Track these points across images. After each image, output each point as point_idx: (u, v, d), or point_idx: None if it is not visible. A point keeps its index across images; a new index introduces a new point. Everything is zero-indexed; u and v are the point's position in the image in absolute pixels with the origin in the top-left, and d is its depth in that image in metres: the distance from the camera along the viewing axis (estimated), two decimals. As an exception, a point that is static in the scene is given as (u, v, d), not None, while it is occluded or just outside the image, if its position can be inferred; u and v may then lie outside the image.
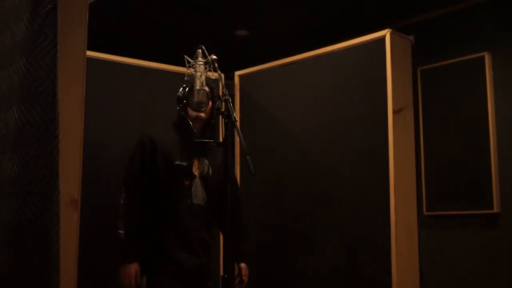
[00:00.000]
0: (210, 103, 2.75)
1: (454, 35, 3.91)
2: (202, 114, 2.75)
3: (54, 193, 1.73)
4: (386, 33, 2.97)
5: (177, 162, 2.71)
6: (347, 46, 3.19)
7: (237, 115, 3.49)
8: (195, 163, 2.76)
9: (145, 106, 3.28)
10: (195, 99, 2.58)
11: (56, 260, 1.71)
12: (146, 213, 2.70)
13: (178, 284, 2.66)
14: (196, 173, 2.76)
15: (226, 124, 2.41)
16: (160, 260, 2.67)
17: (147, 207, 2.71)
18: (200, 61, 2.58)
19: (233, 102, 3.11)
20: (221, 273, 3.16)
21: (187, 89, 2.75)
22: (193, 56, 2.62)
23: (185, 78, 2.75)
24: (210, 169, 2.81)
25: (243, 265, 2.86)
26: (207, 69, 2.58)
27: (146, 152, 2.70)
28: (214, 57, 2.56)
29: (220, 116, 2.44)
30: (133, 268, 2.65)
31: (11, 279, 1.72)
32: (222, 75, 2.59)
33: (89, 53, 2.20)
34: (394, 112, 2.91)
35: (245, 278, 2.86)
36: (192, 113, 2.73)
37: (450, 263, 3.75)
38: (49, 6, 1.80)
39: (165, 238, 2.68)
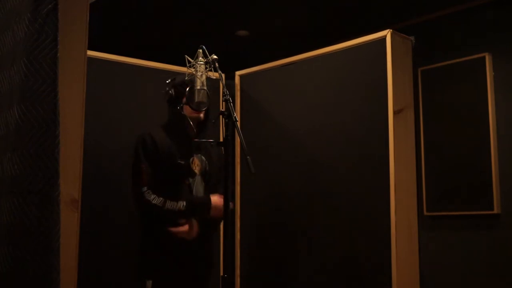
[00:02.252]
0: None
1: (455, 35, 3.91)
2: (201, 114, 2.76)
3: (54, 193, 1.73)
4: (386, 33, 2.97)
5: (179, 161, 2.72)
6: (347, 47, 3.19)
7: (237, 115, 3.50)
8: (194, 160, 2.78)
9: (145, 106, 3.28)
10: (196, 99, 2.58)
11: (56, 259, 1.71)
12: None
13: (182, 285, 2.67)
14: (196, 171, 2.77)
15: (226, 124, 2.40)
16: (164, 260, 2.66)
17: None
18: (200, 61, 2.58)
19: (233, 102, 3.10)
20: (221, 273, 3.16)
21: (187, 88, 2.75)
22: (194, 56, 2.61)
23: (186, 78, 2.74)
24: (208, 166, 2.82)
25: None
26: (207, 69, 2.57)
27: (149, 150, 2.70)
28: (215, 57, 2.56)
29: (221, 116, 2.44)
30: (215, 197, 2.74)
31: (12, 279, 1.71)
32: (223, 75, 2.59)
33: (89, 53, 2.20)
34: (394, 112, 2.91)
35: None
36: (192, 112, 2.73)
37: (450, 264, 3.75)
38: (49, 6, 1.80)
39: (169, 238, 2.67)
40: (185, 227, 2.70)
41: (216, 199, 2.74)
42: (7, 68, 1.92)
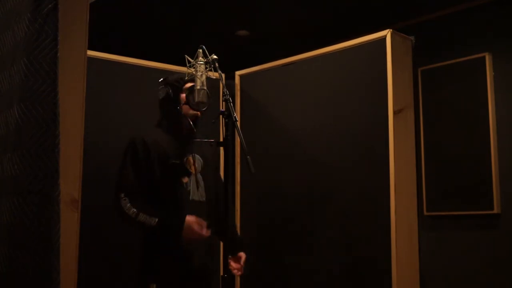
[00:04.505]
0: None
1: (455, 35, 3.91)
2: (198, 112, 2.76)
3: (54, 193, 1.73)
4: (387, 33, 2.98)
5: (172, 161, 2.70)
6: (347, 46, 3.19)
7: (237, 115, 3.50)
8: (189, 160, 2.77)
9: (145, 106, 3.28)
10: (196, 99, 2.58)
11: (57, 259, 1.71)
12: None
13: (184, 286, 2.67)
14: (192, 170, 2.76)
15: (226, 124, 2.40)
16: (165, 261, 2.65)
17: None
18: (200, 61, 2.58)
19: (233, 102, 3.10)
20: (221, 273, 3.16)
21: (184, 86, 2.76)
22: (194, 56, 2.61)
23: (186, 78, 2.75)
24: (204, 166, 2.82)
25: (242, 253, 2.82)
26: (207, 69, 2.57)
27: (139, 155, 2.66)
28: (215, 56, 2.56)
29: (221, 116, 2.44)
30: (191, 219, 2.61)
31: (12, 279, 1.71)
32: (223, 75, 2.59)
33: (89, 52, 2.20)
34: (394, 112, 2.91)
35: (243, 265, 2.79)
36: (189, 111, 2.73)
37: (450, 263, 3.75)
38: (50, 6, 1.80)
39: (169, 238, 2.67)
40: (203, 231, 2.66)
41: (191, 220, 2.62)
42: (7, 68, 1.92)
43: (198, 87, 2.54)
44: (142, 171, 2.67)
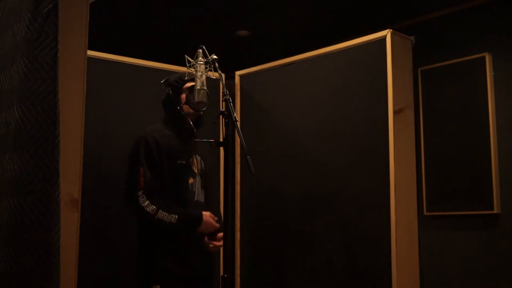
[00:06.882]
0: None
1: (455, 35, 3.91)
2: (198, 112, 2.76)
3: (54, 193, 1.73)
4: (387, 33, 2.98)
5: (180, 161, 2.71)
6: (347, 46, 3.19)
7: (237, 115, 3.50)
8: (194, 160, 2.78)
9: (145, 106, 3.28)
10: (196, 99, 2.58)
11: (57, 259, 1.71)
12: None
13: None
14: (196, 171, 2.77)
15: (226, 124, 2.41)
16: (170, 262, 2.64)
17: None
18: (200, 61, 2.58)
19: (233, 102, 3.10)
20: (221, 273, 3.16)
21: (184, 85, 2.77)
22: (194, 56, 2.62)
23: (186, 78, 2.75)
24: (204, 166, 2.82)
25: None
26: (207, 69, 2.58)
27: (153, 153, 2.66)
28: (215, 56, 2.56)
29: (221, 116, 2.44)
30: (206, 215, 2.69)
31: (12, 279, 1.71)
32: (223, 75, 2.60)
33: (89, 52, 2.20)
34: (394, 112, 2.92)
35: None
36: (190, 110, 2.73)
37: (450, 263, 3.75)
38: (50, 6, 1.81)
39: (175, 239, 2.67)
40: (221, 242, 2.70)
41: (207, 215, 2.71)
42: (7, 68, 1.93)
43: (198, 87, 2.55)
44: (157, 168, 2.65)
